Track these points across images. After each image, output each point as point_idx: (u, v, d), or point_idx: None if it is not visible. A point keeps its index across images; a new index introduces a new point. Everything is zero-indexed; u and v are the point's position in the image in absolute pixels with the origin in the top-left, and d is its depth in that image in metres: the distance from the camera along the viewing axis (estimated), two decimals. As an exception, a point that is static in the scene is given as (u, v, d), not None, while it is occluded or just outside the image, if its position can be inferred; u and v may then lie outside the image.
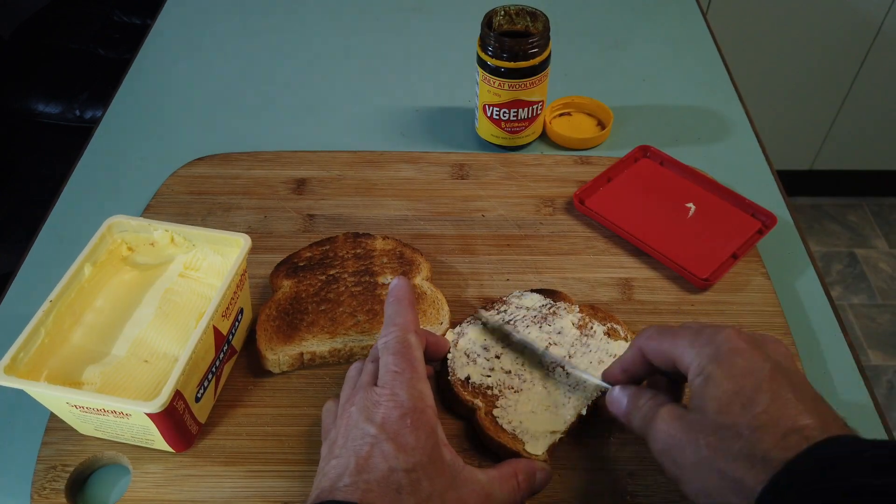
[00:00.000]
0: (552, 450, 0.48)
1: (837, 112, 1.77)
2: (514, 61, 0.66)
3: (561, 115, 0.78)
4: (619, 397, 0.44)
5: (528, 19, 0.69)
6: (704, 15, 0.97)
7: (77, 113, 1.41)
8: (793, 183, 1.95)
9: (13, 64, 1.47)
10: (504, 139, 0.73)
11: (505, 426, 0.49)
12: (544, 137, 0.76)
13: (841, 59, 1.67)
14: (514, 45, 0.66)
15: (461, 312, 0.58)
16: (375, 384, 0.43)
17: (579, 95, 0.79)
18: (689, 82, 0.85)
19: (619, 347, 0.53)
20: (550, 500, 0.47)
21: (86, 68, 1.46)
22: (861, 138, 1.84)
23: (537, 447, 0.48)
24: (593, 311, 0.56)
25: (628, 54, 0.89)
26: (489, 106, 0.70)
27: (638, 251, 0.63)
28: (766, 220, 0.64)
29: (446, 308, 0.56)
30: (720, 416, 0.37)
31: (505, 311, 0.56)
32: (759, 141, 0.77)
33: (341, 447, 0.41)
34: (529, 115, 0.71)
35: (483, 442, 0.49)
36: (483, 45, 0.67)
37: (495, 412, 0.49)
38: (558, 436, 0.48)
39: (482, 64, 0.68)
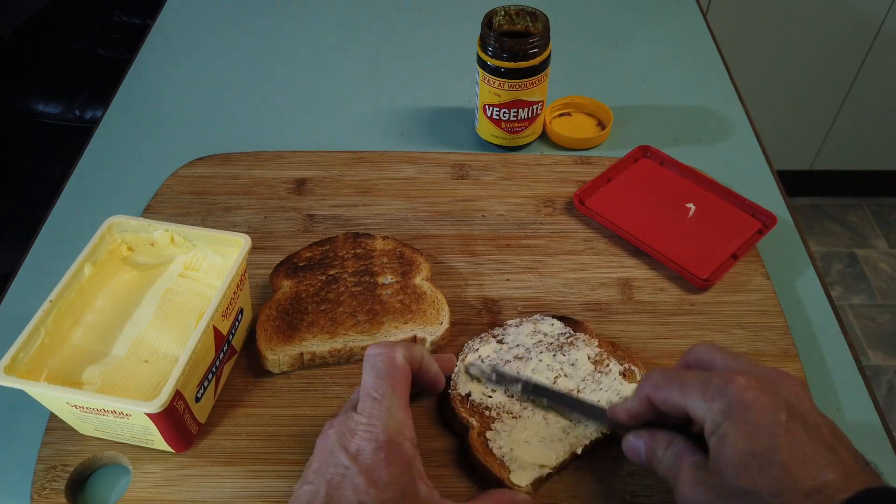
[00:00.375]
0: (537, 484, 0.47)
1: (837, 112, 1.77)
2: (514, 61, 0.66)
3: (561, 115, 0.78)
4: (635, 446, 0.43)
5: (528, 19, 0.69)
6: (704, 15, 0.97)
7: (77, 113, 1.41)
8: (793, 183, 1.94)
9: (13, 64, 1.47)
10: (504, 139, 0.73)
11: (495, 451, 0.47)
12: (544, 137, 0.76)
13: (841, 59, 1.67)
14: (514, 45, 0.66)
15: (461, 312, 0.58)
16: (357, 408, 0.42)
17: (579, 95, 0.79)
18: (689, 82, 0.85)
19: (632, 390, 0.51)
20: (550, 501, 0.47)
21: (86, 68, 1.46)
22: (861, 138, 1.84)
23: (522, 478, 0.46)
24: (613, 348, 0.54)
25: (628, 54, 0.89)
26: (489, 106, 0.70)
27: (638, 251, 0.63)
28: (766, 220, 0.64)
29: (446, 308, 0.56)
30: (739, 480, 0.36)
31: (521, 330, 0.55)
32: (759, 141, 0.77)
33: (315, 472, 0.41)
34: (529, 115, 0.71)
35: (471, 462, 0.48)
36: (483, 45, 0.67)
37: (488, 434, 0.48)
38: (546, 471, 0.47)
39: (482, 64, 0.68)
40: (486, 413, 0.50)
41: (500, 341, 0.54)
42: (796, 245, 0.66)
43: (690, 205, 0.66)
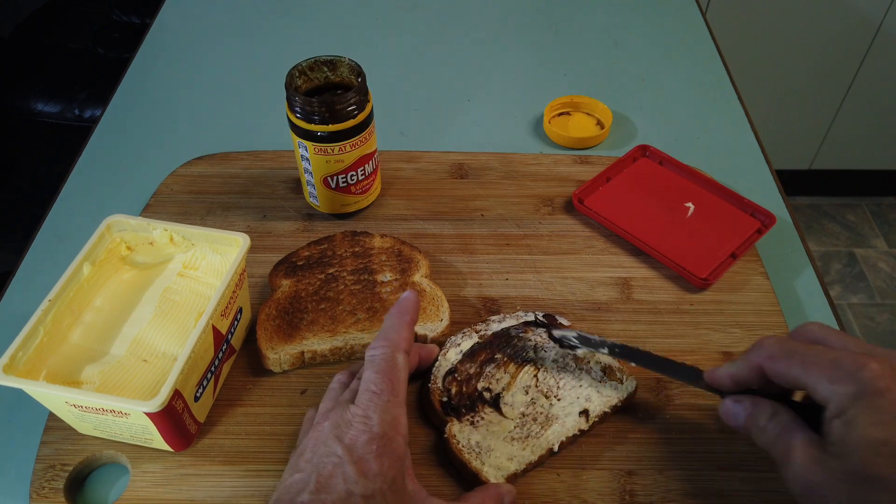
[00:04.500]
0: (512, 479, 0.47)
1: (837, 112, 1.77)
2: (339, 122, 0.57)
3: (560, 114, 0.78)
4: (734, 411, 0.42)
5: (326, 70, 0.60)
6: (704, 15, 0.97)
7: (76, 112, 1.41)
8: (792, 182, 1.95)
9: (13, 63, 1.47)
10: (354, 204, 0.64)
11: (472, 445, 0.47)
12: (544, 137, 0.76)
13: (841, 59, 1.68)
14: (328, 103, 0.56)
15: (460, 311, 0.58)
16: (354, 401, 0.43)
17: (578, 95, 0.79)
18: (689, 82, 0.85)
19: (612, 388, 0.51)
20: (550, 500, 0.47)
21: (85, 68, 1.46)
22: (860, 138, 1.84)
23: (498, 474, 0.46)
24: None
25: (628, 54, 0.90)
26: (332, 177, 0.61)
27: (637, 251, 0.63)
28: (765, 220, 0.64)
29: (446, 305, 0.56)
30: (867, 467, 0.35)
31: (503, 326, 0.55)
32: (759, 141, 0.77)
33: (307, 461, 0.41)
34: (374, 168, 0.64)
35: (448, 457, 0.48)
36: (299, 113, 0.57)
37: (466, 429, 0.48)
38: (522, 466, 0.47)
39: (309, 136, 0.58)
40: (465, 407, 0.50)
41: (482, 336, 0.54)
42: (795, 244, 0.66)
43: (689, 204, 0.66)
